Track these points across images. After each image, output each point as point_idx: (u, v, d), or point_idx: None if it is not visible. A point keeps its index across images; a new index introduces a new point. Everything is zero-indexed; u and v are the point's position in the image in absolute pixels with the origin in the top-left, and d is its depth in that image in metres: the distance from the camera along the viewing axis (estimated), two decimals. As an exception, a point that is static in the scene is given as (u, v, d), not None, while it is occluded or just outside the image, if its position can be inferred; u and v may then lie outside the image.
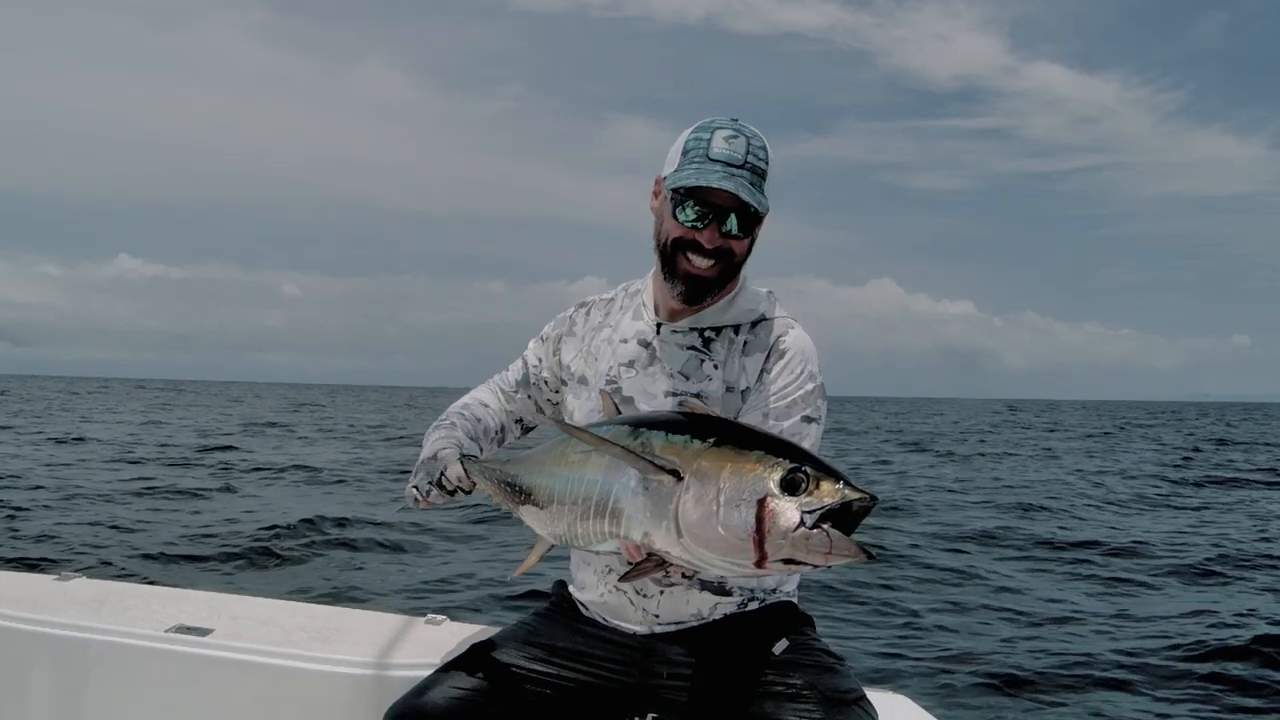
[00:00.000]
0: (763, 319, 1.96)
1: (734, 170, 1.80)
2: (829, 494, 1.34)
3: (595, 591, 2.00)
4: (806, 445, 1.83)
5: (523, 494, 1.75)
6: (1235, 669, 6.21)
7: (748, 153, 1.82)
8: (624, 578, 1.61)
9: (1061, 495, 16.91)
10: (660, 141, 1.98)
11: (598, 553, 1.72)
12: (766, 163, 1.85)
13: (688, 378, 1.92)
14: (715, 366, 1.92)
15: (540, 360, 2.16)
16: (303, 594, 7.27)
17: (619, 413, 1.80)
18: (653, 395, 1.93)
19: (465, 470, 1.83)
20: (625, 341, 2.01)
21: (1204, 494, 18.04)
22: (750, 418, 1.85)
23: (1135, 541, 11.53)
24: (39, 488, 13.32)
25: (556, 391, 2.14)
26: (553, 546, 1.78)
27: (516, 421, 2.20)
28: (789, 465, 1.36)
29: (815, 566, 1.37)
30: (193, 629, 2.44)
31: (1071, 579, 9.48)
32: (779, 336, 1.94)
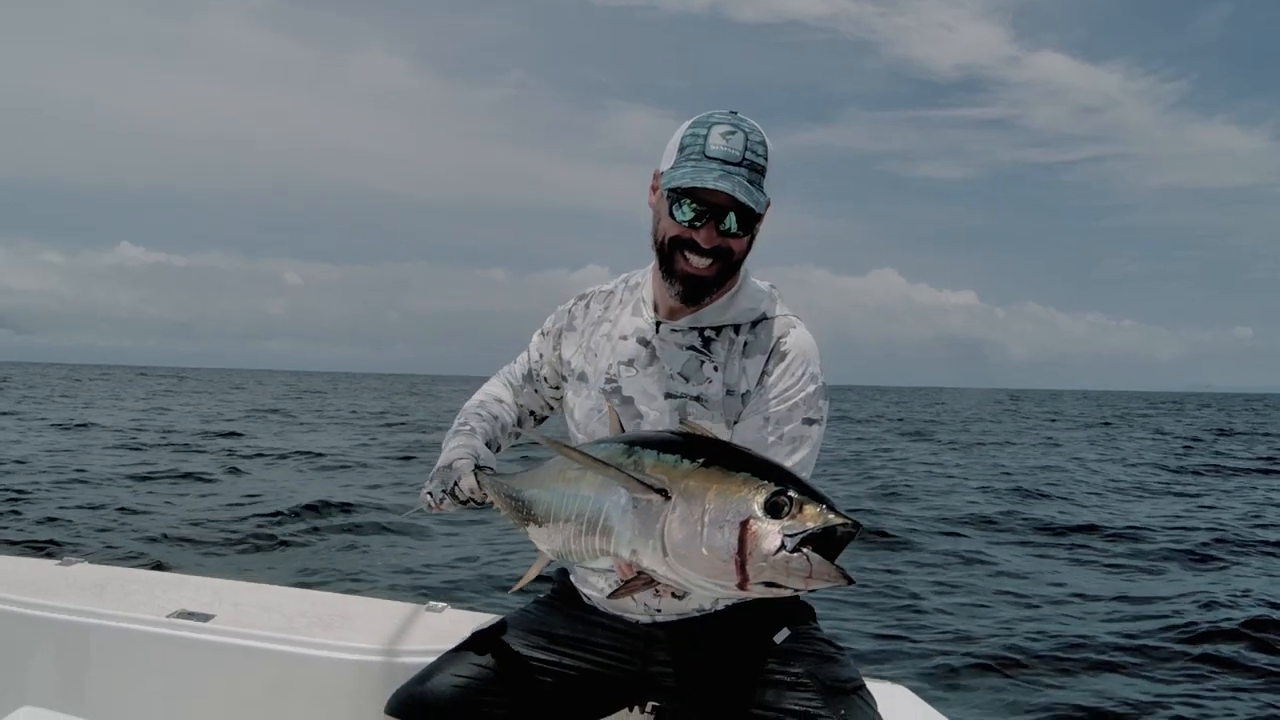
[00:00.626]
0: (763, 318, 1.92)
1: (731, 168, 1.75)
2: (811, 518, 1.34)
3: (596, 587, 2.00)
4: (808, 447, 1.84)
5: (526, 509, 1.77)
6: (1231, 650, 6.28)
7: (745, 149, 1.76)
8: (613, 595, 1.61)
9: (1061, 482, 16.96)
10: (663, 130, 1.93)
11: (593, 570, 1.73)
12: (766, 158, 1.79)
13: (687, 379, 1.89)
14: (715, 368, 1.89)
15: (541, 356, 2.14)
16: (305, 579, 7.31)
17: (623, 429, 1.80)
18: (653, 396, 1.91)
19: (478, 482, 1.85)
20: (625, 338, 1.98)
21: (1203, 482, 18.08)
22: (751, 422, 1.85)
23: (1134, 526, 11.58)
24: (42, 473, 13.38)
25: (556, 388, 2.13)
26: (551, 562, 1.79)
27: (530, 414, 2.20)
28: (773, 488, 1.36)
29: (796, 591, 1.37)
30: (194, 614, 2.43)
31: (1071, 563, 9.54)
32: (780, 337, 1.90)
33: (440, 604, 2.63)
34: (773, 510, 1.34)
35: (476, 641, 1.98)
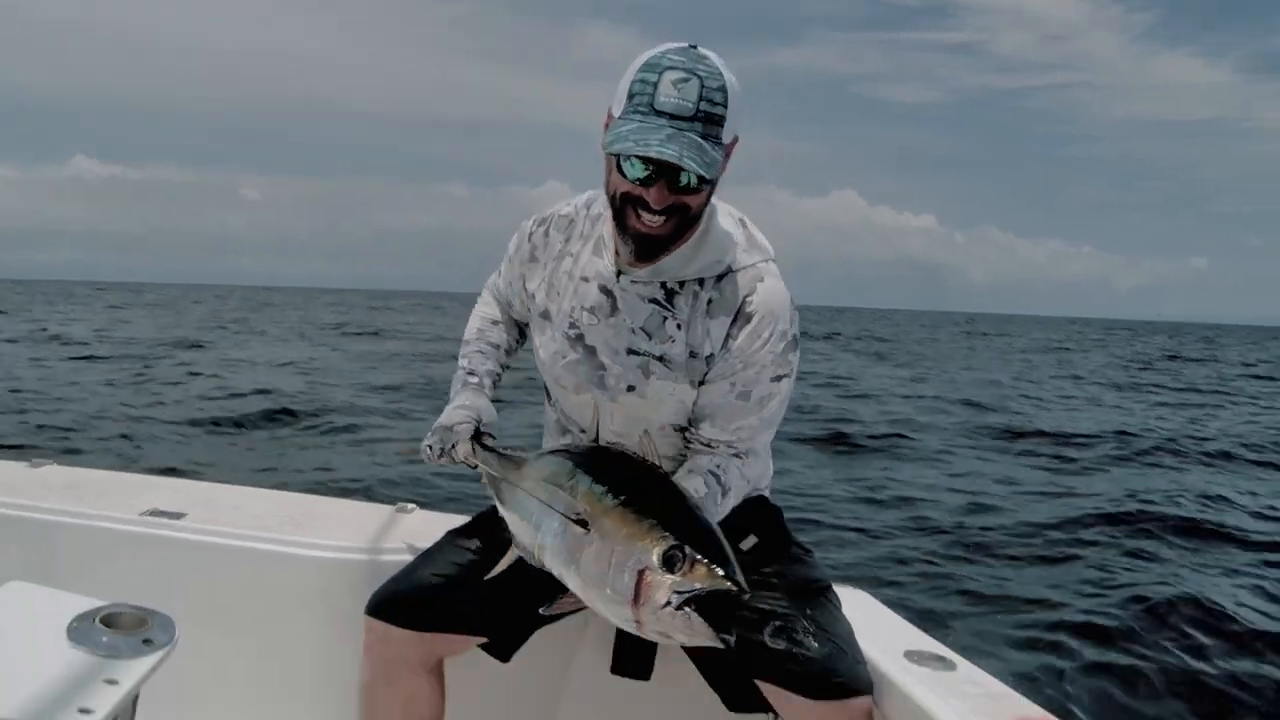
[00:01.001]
0: (729, 271, 1.79)
1: (682, 125, 1.57)
2: (700, 578, 1.35)
3: None
4: (775, 402, 1.81)
5: (501, 495, 1.83)
6: (1167, 542, 6.72)
7: (700, 99, 1.57)
8: (544, 611, 1.60)
9: (1014, 397, 17.44)
10: (629, 46, 1.74)
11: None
12: (725, 104, 1.60)
13: (650, 335, 1.81)
14: (678, 325, 1.79)
15: (510, 284, 2.07)
16: (269, 479, 7.38)
17: (598, 431, 1.80)
18: (615, 350, 1.83)
19: (473, 450, 1.89)
20: (586, 280, 1.87)
21: (1151, 398, 18.75)
22: (717, 386, 1.79)
23: (1083, 434, 12.07)
24: (4, 380, 13.29)
25: (529, 309, 2.07)
26: (520, 556, 1.79)
27: (528, 325, 2.13)
28: (670, 542, 1.38)
29: (682, 644, 1.42)
30: (166, 513, 2.41)
31: (1020, 466, 9.96)
32: (746, 296, 1.77)
33: (410, 505, 2.62)
34: (667, 564, 1.37)
35: (450, 541, 2.00)
